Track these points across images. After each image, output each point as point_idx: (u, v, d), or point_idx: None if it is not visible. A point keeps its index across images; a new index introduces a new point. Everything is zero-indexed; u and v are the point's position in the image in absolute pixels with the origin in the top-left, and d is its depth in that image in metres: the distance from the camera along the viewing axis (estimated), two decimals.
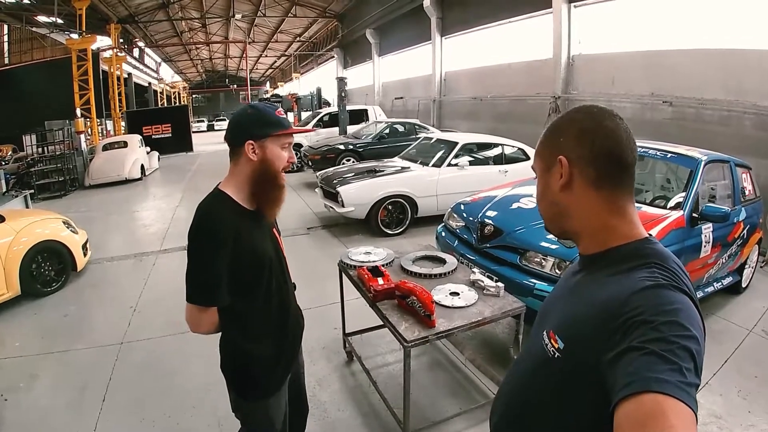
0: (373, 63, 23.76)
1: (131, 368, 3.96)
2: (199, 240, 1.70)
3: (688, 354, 0.77)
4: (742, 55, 7.30)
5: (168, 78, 43.60)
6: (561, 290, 1.19)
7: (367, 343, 4.12)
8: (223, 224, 1.70)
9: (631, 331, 0.81)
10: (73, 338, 4.48)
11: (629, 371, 0.77)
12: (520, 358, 1.26)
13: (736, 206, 4.84)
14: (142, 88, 32.40)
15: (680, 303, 0.84)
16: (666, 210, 4.29)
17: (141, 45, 30.40)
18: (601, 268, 1.02)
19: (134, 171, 13.93)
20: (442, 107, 17.32)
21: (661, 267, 0.93)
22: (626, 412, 0.74)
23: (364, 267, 3.21)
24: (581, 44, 10.75)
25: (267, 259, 1.85)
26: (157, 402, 3.47)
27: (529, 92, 12.29)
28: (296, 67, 39.60)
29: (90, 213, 10.00)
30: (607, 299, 0.91)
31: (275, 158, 1.80)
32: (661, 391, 0.72)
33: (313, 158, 11.83)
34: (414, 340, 2.43)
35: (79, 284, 5.85)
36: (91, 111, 16.85)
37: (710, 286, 4.79)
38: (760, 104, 7.01)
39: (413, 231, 7.72)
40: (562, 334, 1.00)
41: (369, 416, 3.30)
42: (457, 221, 4.97)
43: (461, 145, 8.22)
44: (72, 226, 5.96)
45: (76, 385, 3.71)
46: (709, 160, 4.63)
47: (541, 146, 1.14)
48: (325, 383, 3.67)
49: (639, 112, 9.35)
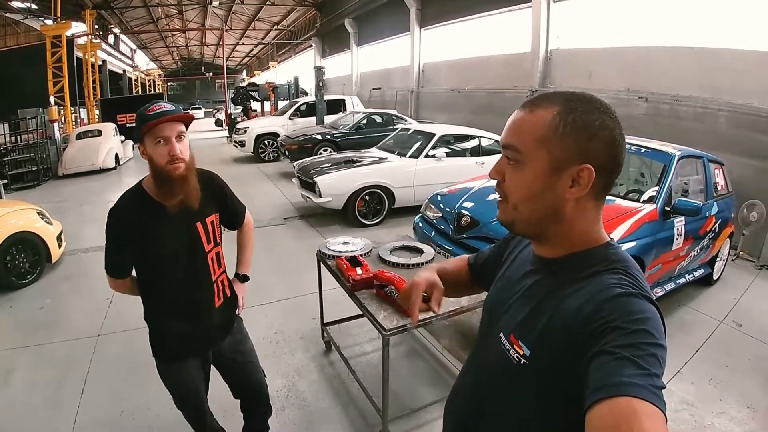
0: (351, 53, 23.61)
1: (109, 361, 3.90)
2: (107, 224, 1.95)
3: (656, 360, 0.79)
4: (717, 54, 7.43)
5: (143, 65, 42.70)
6: (511, 291, 1.12)
7: (346, 332, 4.13)
8: (122, 215, 1.93)
9: (603, 337, 0.82)
10: (49, 331, 4.38)
11: (601, 375, 0.78)
12: (477, 361, 1.21)
13: (708, 201, 4.94)
14: (116, 75, 31.78)
15: (650, 312, 0.85)
16: (639, 203, 4.35)
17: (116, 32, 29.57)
18: (564, 273, 1.00)
19: (108, 160, 13.60)
20: (419, 98, 17.31)
21: (627, 273, 0.93)
22: (599, 415, 0.74)
23: (343, 257, 3.21)
24: (559, 39, 10.82)
25: (168, 249, 2.00)
26: (136, 395, 3.42)
27: (507, 85, 12.33)
28: (273, 55, 39.13)
29: (64, 203, 9.75)
30: (579, 306, 0.90)
31: (154, 155, 1.87)
32: (633, 395, 0.73)
33: (289, 148, 11.73)
34: (393, 328, 2.44)
35: (54, 276, 5.73)
36: (65, 99, 16.41)
37: (682, 277, 4.91)
38: (734, 102, 7.15)
39: (390, 221, 7.75)
40: (528, 340, 0.98)
41: (348, 405, 3.31)
42: (434, 212, 5.00)
43: (438, 136, 8.23)
44: (46, 217, 5.81)
45: (53, 379, 3.64)
46: (682, 155, 4.72)
47: (553, 138, 0.94)
48: (304, 373, 3.66)
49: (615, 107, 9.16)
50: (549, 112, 0.95)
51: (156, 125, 1.82)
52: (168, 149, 1.85)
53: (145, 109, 1.85)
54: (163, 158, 1.85)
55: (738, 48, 7.13)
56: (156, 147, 1.85)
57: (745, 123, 7.04)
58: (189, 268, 2.05)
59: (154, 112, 1.83)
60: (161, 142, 1.84)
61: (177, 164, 1.87)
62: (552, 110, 0.95)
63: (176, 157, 1.86)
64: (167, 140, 1.84)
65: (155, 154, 1.86)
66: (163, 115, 1.82)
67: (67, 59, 16.24)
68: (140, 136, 1.87)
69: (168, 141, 1.85)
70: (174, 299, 2.09)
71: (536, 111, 0.97)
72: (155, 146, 1.85)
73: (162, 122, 1.82)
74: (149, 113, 1.83)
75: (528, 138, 0.96)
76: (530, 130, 0.96)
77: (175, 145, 1.86)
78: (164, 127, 1.83)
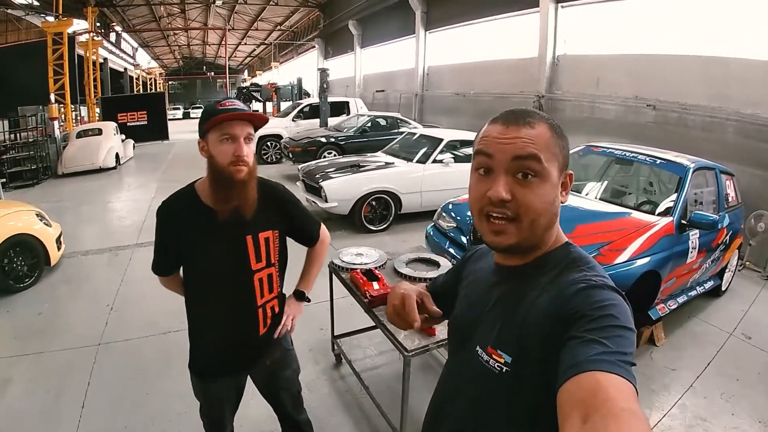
0: (354, 54, 23.61)
1: (111, 371, 3.78)
2: (156, 221, 1.88)
3: (623, 341, 0.81)
4: (726, 63, 7.42)
5: (144, 64, 42.60)
6: (480, 305, 1.12)
7: (355, 344, 4.06)
8: (167, 214, 1.86)
9: (571, 325, 0.85)
10: (48, 338, 4.27)
11: (569, 357, 0.80)
12: (453, 380, 1.19)
13: (720, 213, 4.90)
14: (117, 73, 31.61)
15: (615, 300, 0.88)
16: (655, 216, 4.32)
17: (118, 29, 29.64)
18: (530, 276, 1.02)
19: (109, 159, 13.46)
20: (424, 102, 17.29)
21: (588, 268, 0.97)
22: (568, 392, 0.76)
23: (358, 270, 3.14)
24: (567, 44, 10.82)
25: (209, 260, 1.88)
26: (140, 408, 3.33)
27: (513, 90, 12.31)
28: (276, 56, 39.09)
29: (63, 203, 9.64)
30: (548, 303, 0.93)
31: (216, 154, 1.74)
32: (599, 369, 0.75)
33: (293, 150, 11.61)
34: (415, 349, 2.38)
35: (53, 280, 5.61)
36: (66, 96, 16.34)
37: (693, 290, 4.89)
38: (743, 112, 7.14)
39: (396, 227, 7.68)
40: (507, 347, 0.98)
41: (361, 421, 3.25)
42: (447, 222, 4.93)
43: (446, 141, 8.16)
44: (45, 219, 5.70)
45: (53, 389, 3.52)
46: (696, 167, 4.69)
47: (557, 148, 1.00)
48: (314, 387, 3.59)
49: (622, 114, 9.46)
50: (544, 125, 1.00)
51: (226, 121, 1.71)
52: (234, 149, 1.72)
53: (216, 103, 1.75)
54: (227, 158, 1.72)
55: (747, 57, 7.13)
56: (221, 144, 1.73)
57: (753, 133, 7.05)
58: (231, 286, 1.92)
59: (227, 107, 1.72)
60: (228, 139, 1.72)
61: (241, 167, 1.74)
62: (545, 124, 1.00)
63: (242, 158, 1.73)
64: (235, 139, 1.72)
65: (218, 152, 1.74)
66: (235, 111, 1.72)
67: (68, 57, 16.18)
68: (204, 131, 1.76)
69: (236, 140, 1.73)
70: (211, 317, 1.97)
71: (535, 125, 0.99)
72: (220, 143, 1.73)
73: (233, 118, 1.71)
74: (220, 107, 1.72)
75: (546, 151, 0.98)
76: (545, 144, 0.98)
77: (243, 146, 1.74)
78: (235, 124, 1.72)
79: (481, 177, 1.01)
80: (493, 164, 0.99)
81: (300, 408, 2.40)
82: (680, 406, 3.48)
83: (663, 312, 4.33)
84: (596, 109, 10.13)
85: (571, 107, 10.78)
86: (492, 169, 0.99)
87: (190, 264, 1.94)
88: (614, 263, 3.67)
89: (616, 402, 0.69)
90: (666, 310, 4.39)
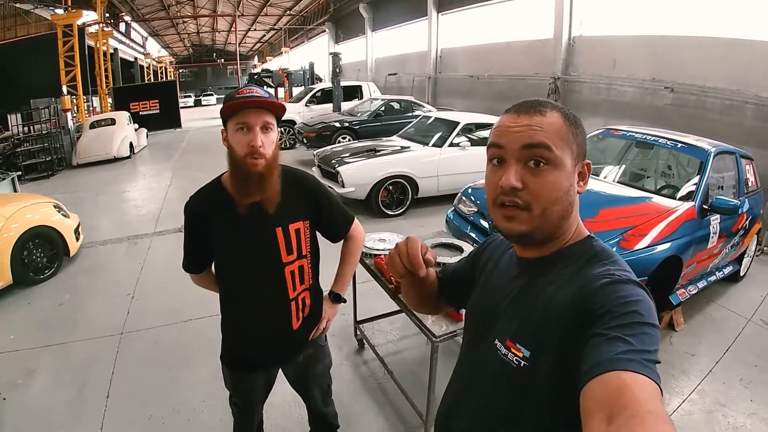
0: (366, 38, 23.41)
1: (133, 361, 3.81)
2: (184, 217, 1.85)
3: (648, 338, 0.80)
4: (749, 46, 7.29)
5: (154, 53, 42.45)
6: (499, 296, 1.12)
7: (377, 329, 4.11)
8: (194, 208, 1.83)
9: (594, 320, 0.85)
10: (69, 329, 4.29)
11: (593, 356, 0.80)
12: (471, 373, 1.19)
13: (740, 197, 4.85)
14: (128, 63, 31.58)
15: (639, 295, 0.88)
16: (677, 201, 4.30)
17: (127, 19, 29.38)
18: (551, 270, 1.02)
19: (123, 149, 13.51)
20: (437, 84, 17.16)
21: (612, 262, 0.97)
22: (592, 392, 0.76)
23: (382, 256, 3.16)
24: (583, 25, 10.65)
25: (239, 254, 1.85)
26: (164, 397, 3.35)
27: (528, 72, 12.19)
28: (286, 41, 38.86)
29: (79, 194, 9.67)
30: (570, 298, 0.93)
31: (234, 144, 1.68)
32: (625, 369, 0.74)
33: (308, 136, 11.59)
34: (443, 335, 2.38)
35: (72, 270, 5.64)
36: (78, 88, 16.35)
37: (713, 275, 4.86)
38: (762, 95, 7.04)
39: (413, 212, 7.70)
40: (525, 341, 0.98)
41: (385, 406, 3.28)
42: (468, 206, 4.91)
43: (462, 125, 8.11)
44: (63, 210, 5.75)
45: (76, 381, 3.54)
46: (718, 151, 4.64)
47: (572, 136, 1.00)
48: (338, 373, 3.55)
49: (639, 97, 9.35)
50: (556, 113, 1.00)
51: (240, 107, 1.63)
52: (249, 139, 1.65)
53: (235, 91, 1.68)
54: (243, 149, 1.66)
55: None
56: (237, 134, 1.66)
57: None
58: (262, 279, 1.86)
59: (243, 94, 1.65)
60: (243, 129, 1.65)
61: (257, 159, 1.67)
62: (558, 112, 1.00)
63: (256, 149, 1.65)
64: (250, 128, 1.65)
65: (235, 143, 1.67)
66: (250, 98, 1.63)
67: (78, 48, 16.19)
68: (224, 120, 1.71)
69: (251, 129, 1.65)
70: (244, 311, 1.94)
71: (546, 113, 0.99)
72: (236, 133, 1.67)
73: (248, 105, 1.63)
74: (238, 95, 1.65)
75: (557, 138, 0.97)
76: (556, 131, 0.98)
77: (258, 136, 1.65)
78: (249, 112, 1.64)
79: (495, 167, 1.02)
80: (504, 154, 0.99)
81: (328, 400, 2.42)
82: (699, 392, 3.49)
83: (683, 297, 4.31)
84: (613, 91, 10.01)
85: (587, 89, 10.66)
86: (504, 158, 1.00)
87: (221, 259, 1.90)
88: (637, 248, 3.67)
89: (642, 403, 0.69)
90: (686, 295, 4.38)
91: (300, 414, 3.02)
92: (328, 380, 2.36)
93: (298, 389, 2.31)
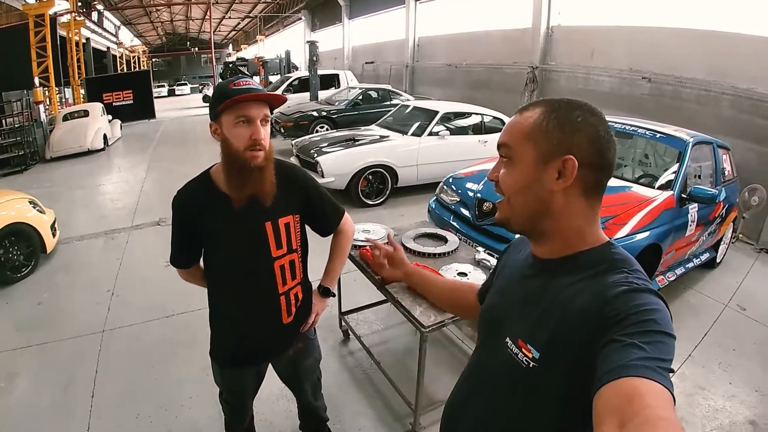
0: (342, 26, 23.27)
1: (117, 359, 3.71)
2: (172, 213, 1.81)
3: (664, 346, 0.81)
4: (726, 38, 7.41)
5: (127, 42, 41.25)
6: (513, 296, 1.14)
7: (362, 319, 4.09)
8: (182, 203, 1.79)
9: (611, 327, 0.84)
10: (50, 329, 4.15)
11: (608, 362, 0.80)
12: (481, 370, 1.21)
13: (717, 186, 4.95)
14: (100, 53, 30.61)
15: (656, 304, 0.88)
16: (656, 190, 4.35)
17: (100, 8, 28.63)
18: (566, 273, 1.02)
19: (97, 141, 13.16)
20: (414, 73, 17.16)
21: (631, 271, 0.96)
22: (605, 398, 0.76)
23: (367, 248, 3.13)
24: (561, 15, 10.72)
25: (228, 249, 1.82)
26: (150, 395, 3.28)
27: (506, 61, 12.25)
28: (261, 29, 38.41)
29: (54, 188, 9.41)
30: (586, 304, 0.92)
31: (231, 137, 1.64)
32: (638, 375, 0.74)
33: (285, 125, 11.45)
34: (432, 325, 2.36)
35: (50, 268, 5.47)
36: (50, 79, 15.84)
37: (690, 262, 4.97)
38: (738, 86, 7.17)
39: (393, 201, 7.69)
40: (537, 343, 0.99)
41: (374, 397, 3.27)
42: (450, 196, 4.89)
43: (442, 114, 8.10)
44: (38, 206, 5.54)
45: (60, 381, 3.44)
46: (696, 141, 4.71)
47: (539, 133, 1.01)
48: (326, 365, 3.50)
49: (617, 87, 9.46)
50: (536, 112, 1.03)
51: (241, 102, 1.59)
52: (251, 132, 1.62)
53: (229, 83, 1.63)
54: (243, 142, 1.62)
55: (746, 33, 7.11)
56: (235, 128, 1.62)
57: (748, 108, 7.08)
58: (251, 274, 1.84)
59: (241, 87, 1.60)
60: (244, 122, 1.61)
61: (257, 152, 1.64)
62: (538, 110, 1.03)
63: (259, 142, 1.63)
64: (251, 121, 1.62)
65: (233, 136, 1.63)
66: (251, 92, 1.60)
67: (50, 38, 15.66)
68: (217, 113, 1.64)
69: (252, 122, 1.62)
70: (232, 307, 1.91)
71: (525, 113, 1.05)
72: (235, 126, 1.62)
73: (249, 99, 1.59)
74: (234, 87, 1.60)
75: (518, 135, 1.04)
76: (519, 129, 1.04)
77: (260, 128, 1.63)
78: (251, 105, 1.61)
79: None
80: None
81: (318, 394, 2.42)
82: (680, 376, 3.56)
83: (662, 284, 4.41)
84: (591, 80, 10.11)
85: (565, 78, 10.75)
86: None
87: (210, 254, 1.87)
88: (617, 237, 3.70)
89: (654, 410, 0.69)
90: (665, 281, 4.47)
91: (288, 407, 3.01)
92: (318, 373, 2.35)
93: (289, 383, 2.30)
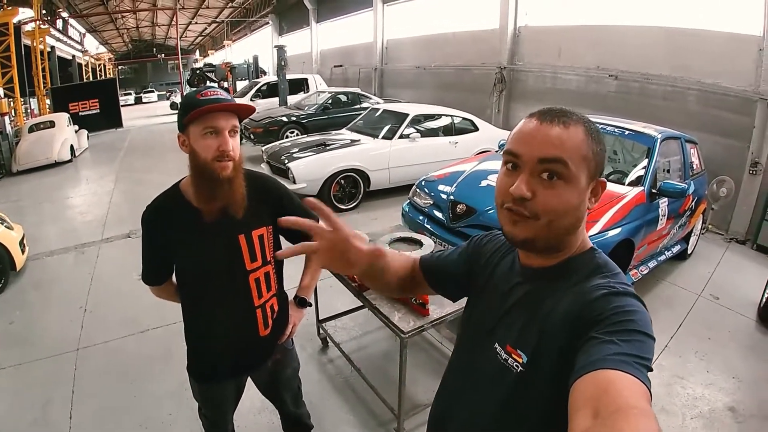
0: (310, 30, 23.16)
1: (94, 377, 3.60)
2: (141, 228, 1.77)
3: (642, 345, 0.81)
4: (690, 34, 7.55)
5: (93, 50, 40.54)
6: (501, 302, 1.12)
7: (339, 326, 4.04)
8: (152, 218, 1.75)
9: (591, 326, 0.86)
10: (24, 348, 4.00)
11: (586, 356, 0.81)
12: (469, 376, 1.18)
13: (686, 180, 5.03)
14: (66, 61, 29.83)
15: (636, 306, 0.89)
16: (626, 187, 4.39)
17: (65, 15, 27.99)
18: (554, 279, 1.02)
19: (64, 152, 12.72)
20: (384, 76, 17.16)
21: (612, 275, 0.98)
22: (580, 388, 0.77)
23: None
24: (528, 15, 10.82)
25: (201, 264, 1.78)
26: (129, 413, 3.19)
27: (475, 62, 12.32)
28: (228, 34, 38.10)
29: (21, 202, 9.11)
30: (569, 307, 0.93)
31: (199, 149, 1.61)
32: (613, 368, 0.75)
33: (254, 131, 11.32)
34: (411, 331, 2.36)
35: (20, 285, 5.26)
36: (15, 90, 15.46)
37: (662, 255, 5.06)
38: (704, 81, 7.31)
39: (365, 205, 7.66)
40: (526, 347, 0.99)
41: (356, 405, 3.23)
42: (423, 198, 4.87)
43: (412, 116, 8.08)
44: (6, 222, 5.34)
45: (37, 402, 3.32)
46: (664, 137, 4.79)
47: (590, 153, 0.96)
48: (305, 373, 3.44)
49: (584, 85, 9.58)
50: (580, 128, 0.96)
51: (208, 113, 1.57)
52: (218, 143, 1.59)
53: (196, 93, 1.61)
54: (211, 153, 1.60)
55: (709, 29, 7.27)
56: (203, 139, 1.59)
57: (714, 102, 7.23)
58: (225, 288, 1.80)
59: (209, 97, 1.58)
60: (211, 133, 1.59)
61: (226, 162, 1.62)
62: (581, 127, 0.97)
63: (227, 153, 1.60)
64: (219, 132, 1.60)
65: (201, 147, 1.60)
66: (219, 102, 1.58)
67: (15, 48, 15.28)
68: (184, 124, 1.62)
69: (220, 133, 1.59)
70: (209, 321, 1.86)
71: (570, 127, 0.96)
72: (203, 137, 1.59)
73: (216, 109, 1.57)
74: (201, 98, 1.58)
75: (575, 155, 0.94)
76: (576, 147, 0.95)
77: (228, 140, 1.61)
78: (218, 116, 1.58)
79: (509, 172, 0.99)
80: (519, 162, 0.97)
81: (300, 402, 2.37)
82: (657, 366, 3.59)
83: (636, 278, 4.47)
84: (558, 79, 10.22)
85: (533, 78, 10.86)
86: (519, 165, 0.97)
87: (183, 269, 1.83)
88: (590, 234, 3.70)
89: (628, 400, 0.70)
90: (639, 275, 4.54)
91: (270, 419, 2.96)
92: (297, 382, 2.32)
93: (268, 395, 2.25)
